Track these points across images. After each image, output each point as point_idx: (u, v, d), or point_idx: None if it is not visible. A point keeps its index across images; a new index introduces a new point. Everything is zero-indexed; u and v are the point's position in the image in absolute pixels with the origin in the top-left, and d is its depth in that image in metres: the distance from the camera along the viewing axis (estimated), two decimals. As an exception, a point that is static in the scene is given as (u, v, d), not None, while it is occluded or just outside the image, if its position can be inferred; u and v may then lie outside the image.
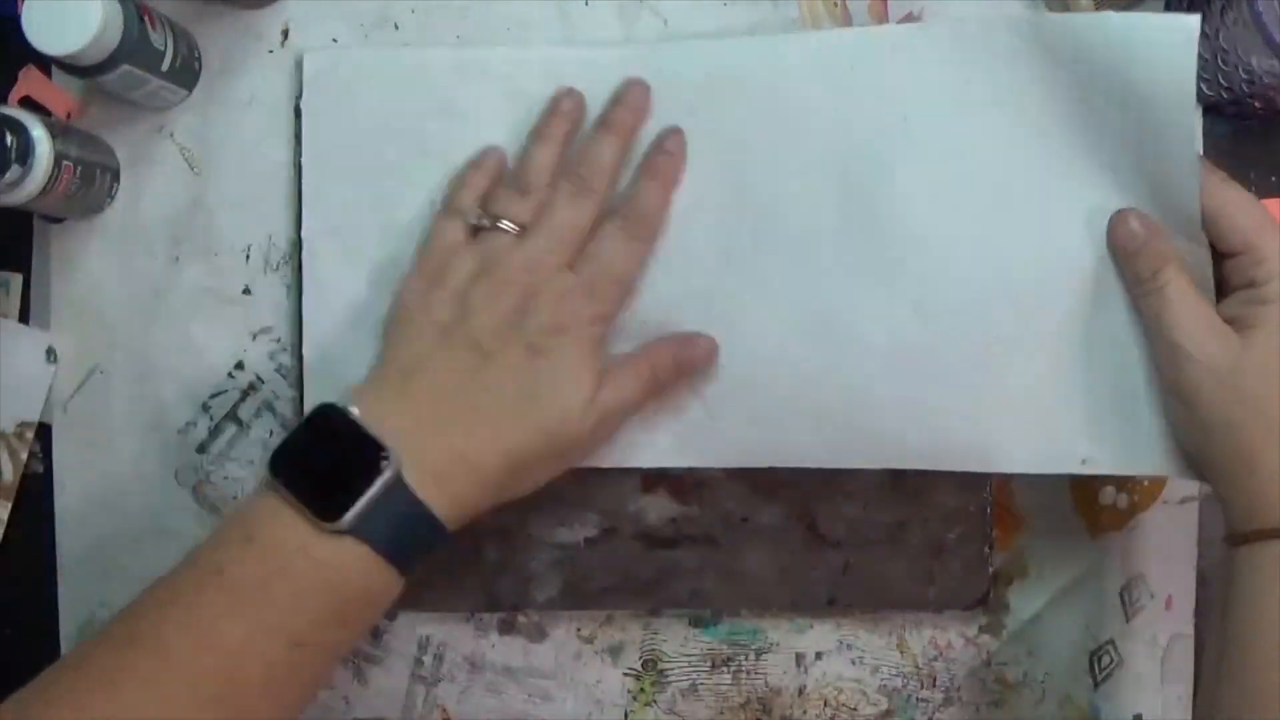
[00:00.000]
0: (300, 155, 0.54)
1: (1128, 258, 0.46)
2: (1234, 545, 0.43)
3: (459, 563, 0.55)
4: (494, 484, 0.45)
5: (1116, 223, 0.47)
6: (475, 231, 0.48)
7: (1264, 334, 0.43)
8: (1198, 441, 0.45)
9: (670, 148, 0.50)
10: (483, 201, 0.48)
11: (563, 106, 0.50)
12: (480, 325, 0.45)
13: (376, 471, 0.42)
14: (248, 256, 0.55)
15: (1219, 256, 0.46)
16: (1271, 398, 0.43)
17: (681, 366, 0.49)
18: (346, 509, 0.41)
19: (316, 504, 0.41)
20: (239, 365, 0.55)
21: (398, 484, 0.42)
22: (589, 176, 0.47)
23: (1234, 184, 0.45)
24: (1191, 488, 0.56)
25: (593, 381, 0.46)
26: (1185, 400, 0.44)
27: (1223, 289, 0.46)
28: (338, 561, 0.41)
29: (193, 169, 0.55)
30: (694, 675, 0.57)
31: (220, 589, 0.41)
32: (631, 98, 0.50)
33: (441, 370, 0.45)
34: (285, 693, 0.42)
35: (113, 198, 0.55)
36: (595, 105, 0.51)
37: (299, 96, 0.54)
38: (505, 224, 0.47)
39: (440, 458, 0.43)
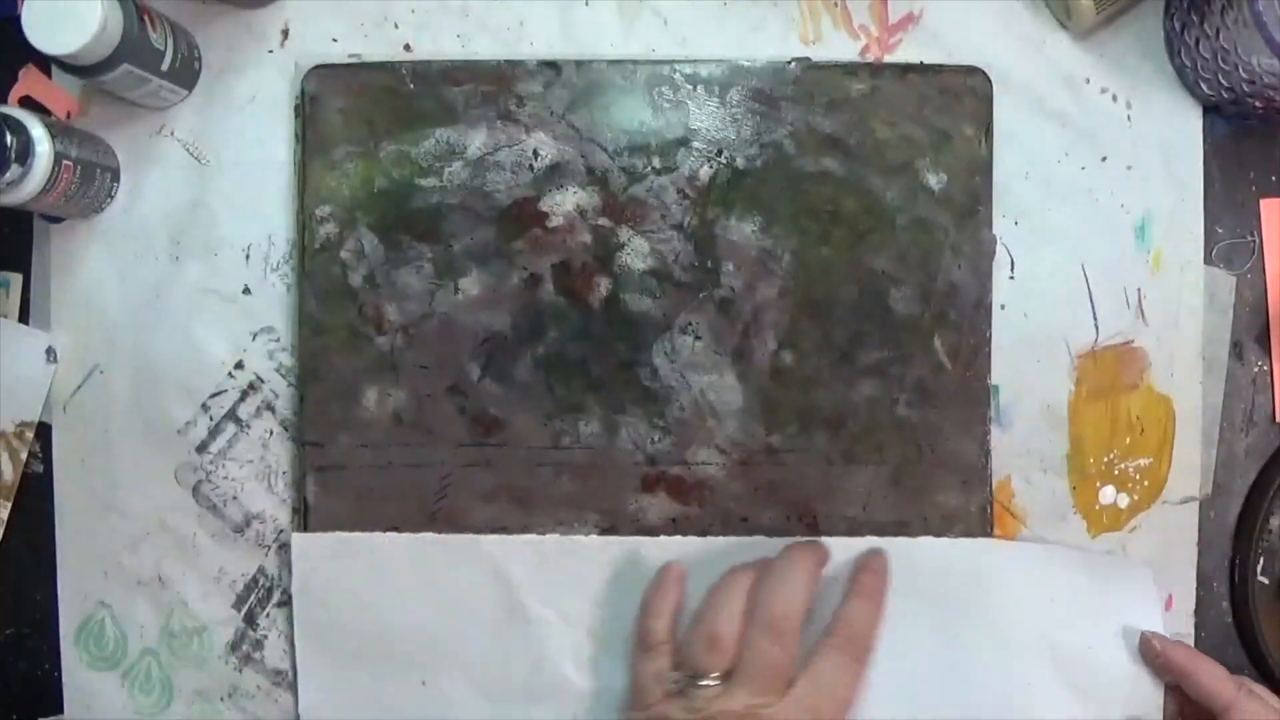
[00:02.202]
0: (301, 155, 0.54)
1: None
2: None
3: (459, 563, 0.55)
4: None
5: None
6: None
7: None
8: None
9: (876, 566, 0.50)
10: (676, 660, 0.48)
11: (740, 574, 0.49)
12: None
13: None
14: (248, 256, 0.55)
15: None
16: None
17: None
18: None
19: None
20: (239, 365, 0.55)
21: None
22: (783, 618, 0.47)
23: (1206, 658, 0.49)
24: (1192, 488, 0.56)
25: None
26: None
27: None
28: None
29: (193, 169, 0.55)
30: (694, 675, 0.57)
31: None
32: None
33: None
34: None
35: (113, 198, 0.55)
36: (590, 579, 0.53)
37: (299, 96, 0.54)
38: (707, 681, 0.46)
39: None
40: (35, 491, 0.56)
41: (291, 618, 0.54)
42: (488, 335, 0.54)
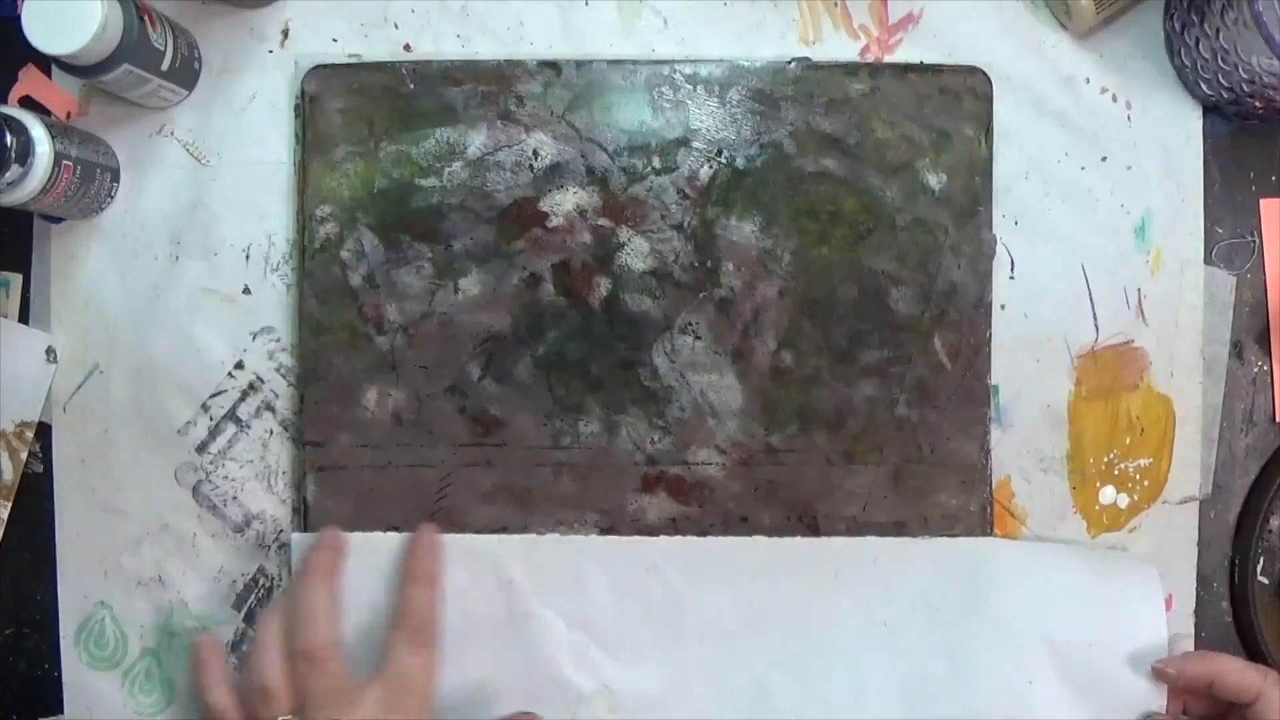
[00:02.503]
0: (301, 155, 0.54)
1: None
2: None
3: (459, 563, 0.55)
4: None
5: None
6: None
7: None
8: None
9: (423, 546, 0.52)
10: (246, 717, 0.49)
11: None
12: None
13: None
14: (248, 256, 0.55)
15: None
16: None
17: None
18: None
19: None
20: (239, 365, 0.55)
21: None
22: (316, 649, 0.48)
23: (1221, 655, 0.50)
24: (1192, 488, 0.56)
25: None
26: None
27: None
28: None
29: (193, 169, 0.55)
30: (694, 675, 0.57)
31: None
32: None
33: None
34: None
35: (113, 198, 0.55)
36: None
37: (299, 96, 0.54)
38: None
39: None
40: (35, 491, 0.56)
41: (291, 618, 0.54)
42: (488, 335, 0.54)
